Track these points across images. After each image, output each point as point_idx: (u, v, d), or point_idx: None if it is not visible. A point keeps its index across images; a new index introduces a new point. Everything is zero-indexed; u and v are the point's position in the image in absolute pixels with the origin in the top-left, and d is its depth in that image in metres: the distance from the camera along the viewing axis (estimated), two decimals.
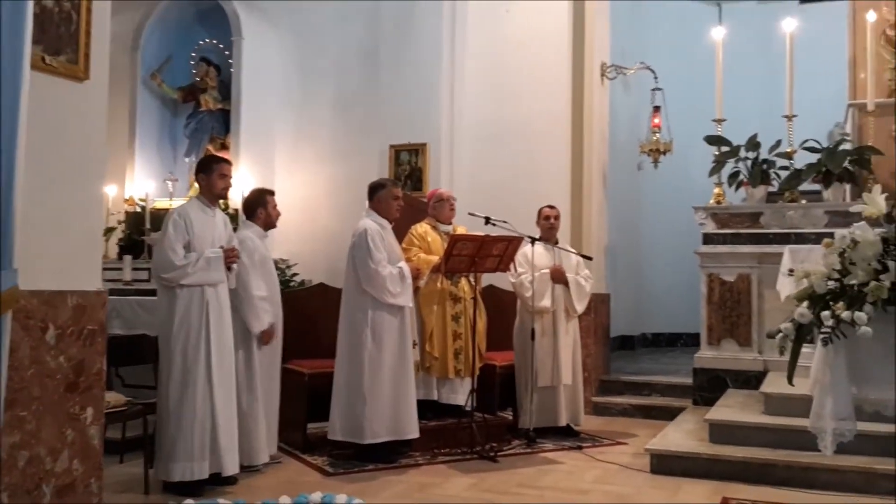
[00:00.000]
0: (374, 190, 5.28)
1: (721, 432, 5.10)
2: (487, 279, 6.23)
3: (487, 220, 5.59)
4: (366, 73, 7.33)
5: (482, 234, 5.41)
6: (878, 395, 3.14)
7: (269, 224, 5.12)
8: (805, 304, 3.21)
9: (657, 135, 7.59)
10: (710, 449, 4.97)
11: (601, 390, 7.14)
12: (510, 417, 6.07)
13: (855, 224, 3.19)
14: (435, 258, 5.57)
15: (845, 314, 3.00)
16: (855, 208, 3.37)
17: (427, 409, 5.52)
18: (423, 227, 5.85)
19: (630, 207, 9.77)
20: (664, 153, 7.63)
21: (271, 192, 5.23)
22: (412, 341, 5.23)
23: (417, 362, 5.37)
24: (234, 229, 4.90)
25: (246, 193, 5.59)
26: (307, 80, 7.77)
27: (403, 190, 6.00)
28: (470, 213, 5.72)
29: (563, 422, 5.85)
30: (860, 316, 2.96)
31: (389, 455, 5.06)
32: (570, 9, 7.04)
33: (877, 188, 3.35)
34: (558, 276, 5.87)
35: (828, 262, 3.20)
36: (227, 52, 8.13)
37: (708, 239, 6.69)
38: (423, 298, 5.67)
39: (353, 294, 5.10)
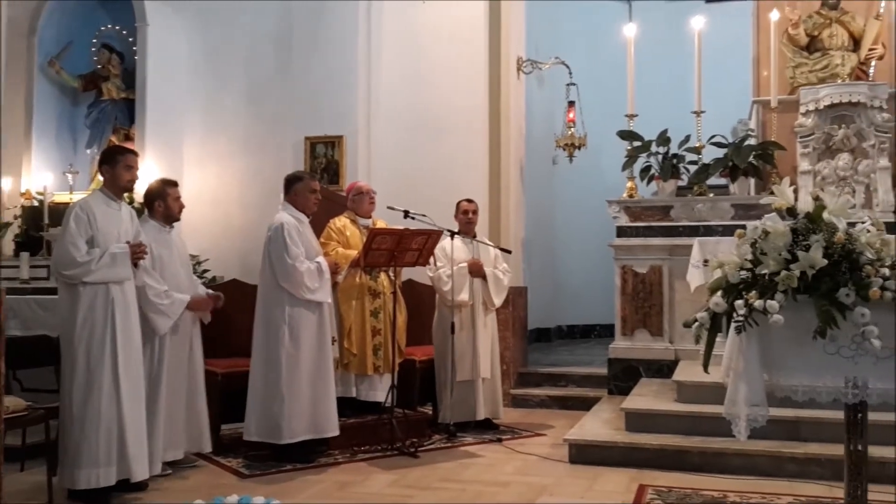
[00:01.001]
0: (291, 183, 5.15)
1: (637, 421, 5.22)
2: (406, 273, 6.18)
3: (406, 214, 5.53)
4: (279, 63, 7.13)
5: (401, 227, 5.35)
6: (789, 381, 3.25)
7: (169, 217, 4.86)
8: (719, 293, 3.28)
9: (572, 129, 7.69)
10: (626, 437, 5.08)
11: (519, 382, 7.20)
12: (430, 412, 6.04)
13: (766, 215, 3.29)
14: (354, 253, 5.48)
15: (758, 303, 3.08)
16: (765, 200, 3.48)
17: (346, 406, 5.42)
18: (341, 221, 5.74)
19: (546, 201, 9.88)
20: (579, 148, 7.75)
21: (173, 184, 4.96)
22: (331, 338, 5.12)
23: (336, 359, 5.26)
24: None
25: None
26: (216, 69, 7.49)
27: (320, 183, 5.87)
28: (389, 207, 5.65)
29: (482, 415, 5.86)
30: (772, 304, 3.05)
31: (307, 454, 4.95)
32: (487, 2, 7.04)
33: (786, 181, 3.46)
34: (476, 270, 5.87)
35: (740, 252, 3.28)
36: (130, 39, 7.77)
37: (621, 232, 6.82)
38: (341, 294, 5.57)
39: (270, 290, 4.95)
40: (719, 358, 3.34)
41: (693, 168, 6.85)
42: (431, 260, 5.66)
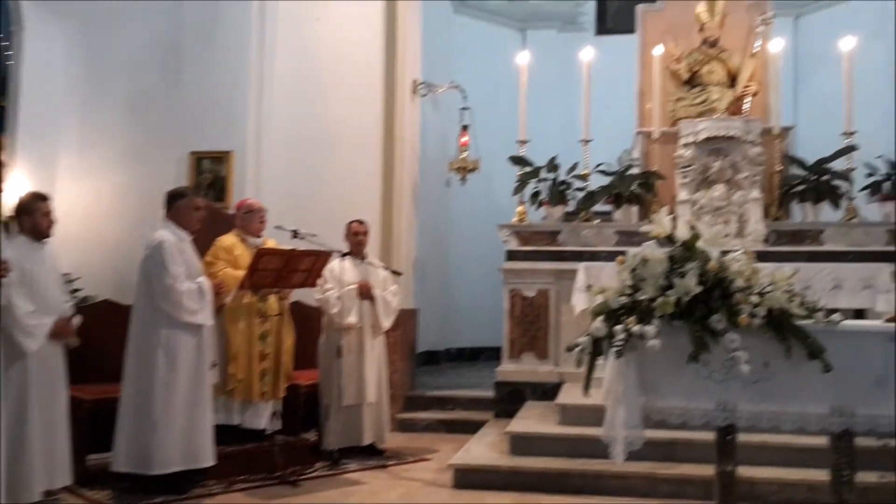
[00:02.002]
0: (173, 199, 4.92)
1: (520, 444, 5.25)
2: (293, 295, 6.01)
3: (295, 234, 5.40)
4: (165, 73, 6.83)
5: (290, 247, 5.21)
6: (665, 404, 3.34)
7: (38, 233, 4.53)
8: (601, 318, 3.35)
9: (465, 153, 7.76)
10: (510, 461, 5.09)
11: (406, 406, 7.12)
12: (314, 439, 5.88)
13: (645, 243, 3.39)
14: (241, 273, 5.27)
15: (636, 328, 3.16)
16: (644, 228, 3.58)
17: (227, 434, 5.19)
18: (230, 240, 5.55)
19: (439, 223, 9.91)
20: (471, 171, 7.82)
21: (43, 198, 4.63)
22: (211, 362, 4.90)
23: (216, 384, 5.04)
24: None
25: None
26: (98, 77, 7.10)
27: (205, 200, 5.65)
28: (277, 227, 5.50)
29: (367, 441, 5.75)
30: (649, 329, 3.13)
31: (180, 485, 4.69)
32: (383, 22, 7.03)
33: (663, 210, 3.58)
34: (366, 292, 5.78)
35: (621, 278, 3.37)
36: (5, 44, 7.29)
37: (511, 255, 6.91)
38: (229, 316, 5.37)
39: (145, 311, 4.70)
40: (602, 380, 3.41)
41: (580, 194, 7.03)
42: (320, 281, 5.53)
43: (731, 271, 3.22)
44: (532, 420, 5.78)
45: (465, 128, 7.74)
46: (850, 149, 6.69)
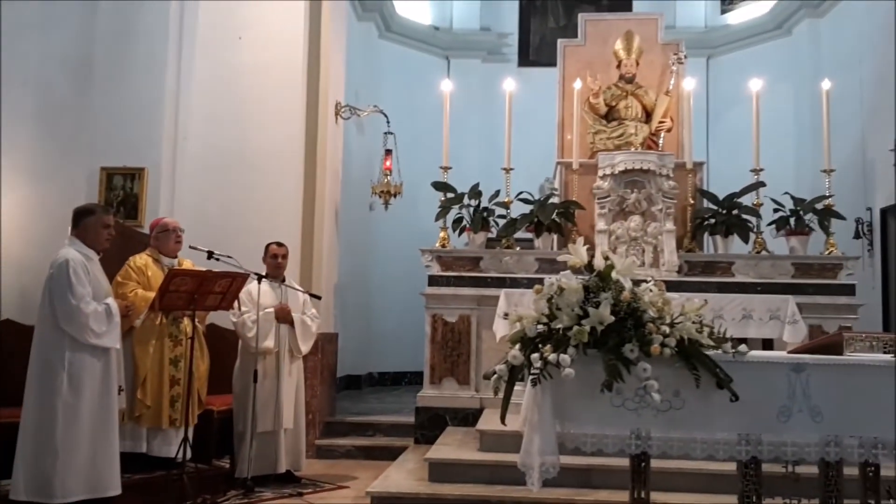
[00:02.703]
0: (81, 216, 4.72)
1: (440, 471, 5.21)
2: (208, 318, 5.86)
3: (210, 255, 5.26)
4: (76, 86, 6.58)
5: (204, 269, 5.08)
6: (580, 432, 3.38)
7: None
8: (517, 346, 3.38)
9: (388, 177, 7.76)
10: (428, 488, 5.05)
11: (326, 432, 7.00)
12: (228, 466, 5.70)
13: (561, 272, 3.44)
14: (153, 294, 5.11)
15: (552, 356, 3.20)
16: (561, 258, 3.64)
17: (134, 463, 4.99)
18: (143, 260, 5.38)
19: (362, 247, 9.87)
20: (394, 195, 7.82)
21: None
22: (118, 387, 4.70)
23: (123, 410, 4.84)
24: None
25: None
26: (3, 89, 6.81)
27: (116, 218, 5.46)
28: (191, 247, 5.35)
29: (283, 468, 5.61)
30: (564, 358, 3.17)
31: None
32: (305, 44, 6.96)
33: (580, 241, 3.65)
34: (283, 316, 5.68)
35: (537, 307, 3.41)
36: None
37: (433, 281, 6.92)
38: (138, 339, 5.19)
39: (48, 333, 4.47)
40: (521, 407, 3.43)
41: (502, 221, 7.11)
42: (236, 304, 5.40)
43: (643, 301, 3.30)
44: (452, 446, 5.75)
45: (388, 152, 7.74)
46: (758, 185, 6.99)
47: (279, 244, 5.91)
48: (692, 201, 7.13)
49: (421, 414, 6.70)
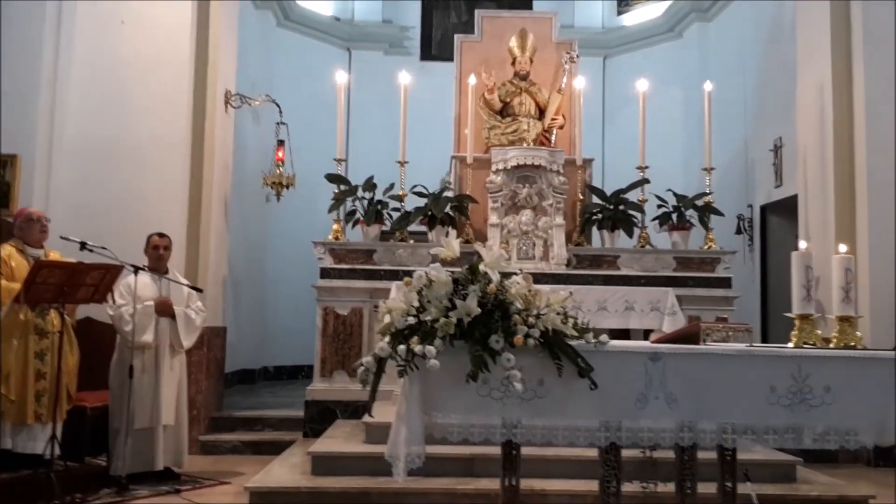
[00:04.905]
0: None
1: (323, 464, 5.19)
2: (85, 311, 5.64)
3: (83, 246, 5.07)
4: None
5: (75, 260, 4.88)
6: (447, 421, 3.41)
7: None
8: (387, 338, 3.38)
9: (280, 168, 7.64)
10: (311, 482, 5.02)
11: (211, 428, 6.84)
12: (103, 463, 5.50)
13: (431, 264, 3.46)
14: (17, 286, 4.89)
15: (418, 348, 3.21)
16: (434, 251, 3.67)
17: None
18: (7, 250, 5.15)
19: (257, 239, 9.69)
20: (287, 187, 7.71)
21: None
22: None
23: None
24: None
25: None
26: None
27: None
28: (63, 237, 5.14)
29: (161, 465, 5.46)
30: (430, 350, 3.20)
31: None
32: (194, 30, 6.76)
33: (452, 233, 3.69)
34: (164, 309, 5.52)
35: (407, 299, 3.42)
36: None
37: (325, 273, 6.87)
38: (2, 332, 4.93)
39: None
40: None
41: (396, 215, 7.11)
42: (111, 297, 5.22)
43: (510, 294, 3.35)
44: (338, 439, 5.73)
45: (280, 143, 7.62)
46: (642, 182, 7.23)
47: (161, 235, 5.74)
48: (581, 197, 7.31)
49: (311, 407, 6.65)
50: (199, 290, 5.84)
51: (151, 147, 6.51)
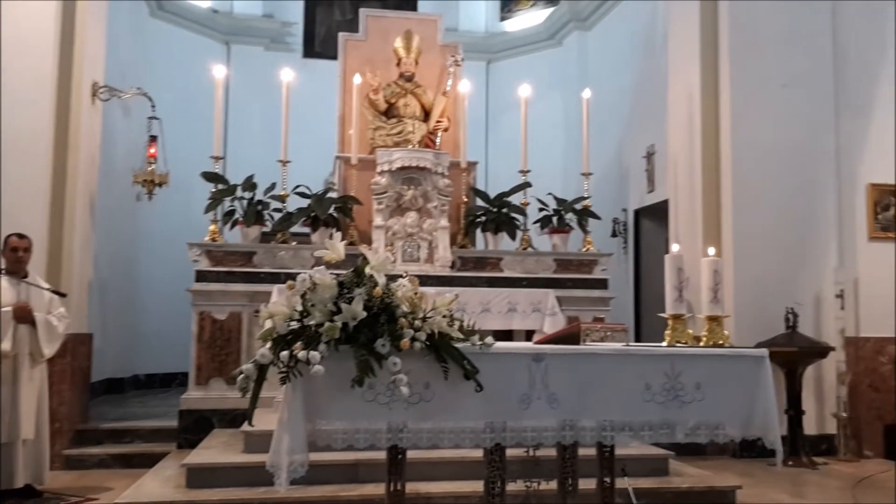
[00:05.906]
0: None
1: (199, 476, 4.97)
2: None
3: None
4: None
5: None
6: (332, 428, 3.33)
7: None
8: (269, 344, 3.26)
9: (153, 165, 7.27)
10: (185, 495, 4.80)
11: (76, 441, 6.42)
12: None
13: (315, 267, 3.37)
14: None
15: (301, 354, 3.11)
16: (318, 253, 3.58)
17: None
18: None
19: (128, 240, 9.21)
20: (159, 185, 7.35)
21: None
22: None
23: None
24: None
25: None
26: None
27: None
28: None
29: (21, 482, 5.07)
30: (314, 355, 3.10)
31: None
32: (58, 17, 6.32)
33: (337, 236, 3.60)
34: (23, 315, 5.12)
35: (290, 303, 3.31)
36: None
37: (201, 276, 6.59)
38: None
39: None
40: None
41: (277, 215, 6.92)
42: None
43: (396, 297, 3.31)
44: (215, 450, 5.50)
45: (153, 138, 7.24)
46: (525, 185, 7.36)
47: (20, 236, 5.34)
48: (466, 199, 7.37)
49: (185, 417, 6.36)
50: (62, 295, 5.47)
51: (8, 141, 6.02)
